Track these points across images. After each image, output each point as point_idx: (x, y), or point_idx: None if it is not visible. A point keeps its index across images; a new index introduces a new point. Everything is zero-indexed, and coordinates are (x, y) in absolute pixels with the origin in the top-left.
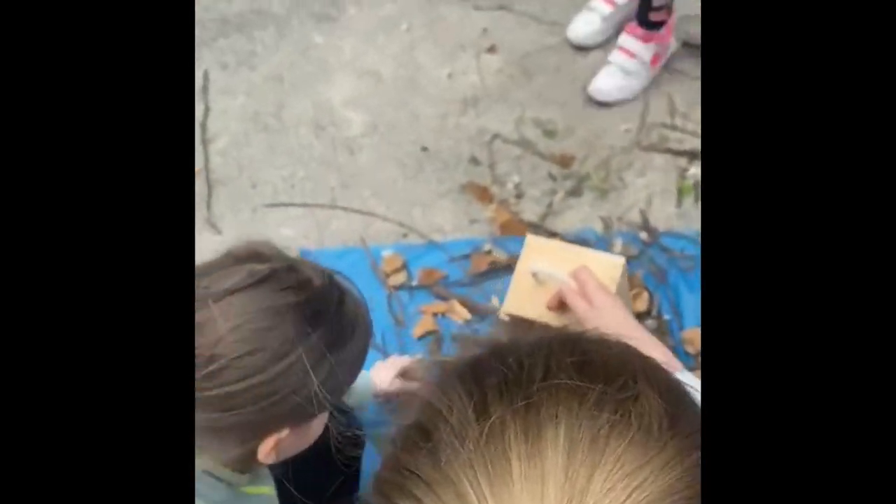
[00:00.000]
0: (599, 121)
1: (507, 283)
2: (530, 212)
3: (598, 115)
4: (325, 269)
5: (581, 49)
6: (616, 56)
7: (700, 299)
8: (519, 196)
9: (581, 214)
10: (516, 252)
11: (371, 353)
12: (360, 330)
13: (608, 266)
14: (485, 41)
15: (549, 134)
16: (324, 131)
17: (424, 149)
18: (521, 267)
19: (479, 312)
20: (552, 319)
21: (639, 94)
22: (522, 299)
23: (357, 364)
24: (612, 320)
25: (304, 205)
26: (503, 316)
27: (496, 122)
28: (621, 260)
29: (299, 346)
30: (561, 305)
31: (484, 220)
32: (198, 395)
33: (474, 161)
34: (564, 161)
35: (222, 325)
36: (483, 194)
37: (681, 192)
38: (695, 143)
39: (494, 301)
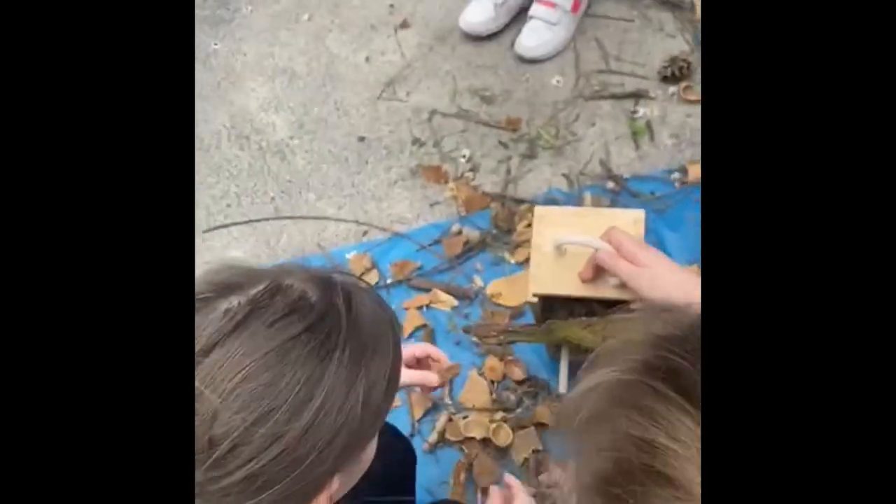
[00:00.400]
0: (535, 78)
1: (486, 260)
2: (490, 183)
3: (533, 72)
4: (317, 272)
5: (476, 39)
6: (536, 9)
7: (682, 236)
8: (474, 169)
9: (543, 175)
10: (487, 228)
11: None
12: (383, 330)
13: (629, 222)
14: (395, 17)
15: (488, 100)
16: (247, 141)
17: (361, 139)
18: (537, 241)
19: (465, 296)
20: (589, 291)
21: (566, 44)
22: (547, 276)
23: (396, 368)
24: (665, 276)
25: (247, 222)
26: (531, 298)
27: (430, 98)
28: (641, 213)
29: (321, 383)
30: (597, 273)
31: (445, 201)
32: (211, 487)
33: (418, 142)
34: (511, 125)
35: (212, 398)
36: (437, 174)
37: (635, 135)
38: (636, 84)
39: (477, 281)
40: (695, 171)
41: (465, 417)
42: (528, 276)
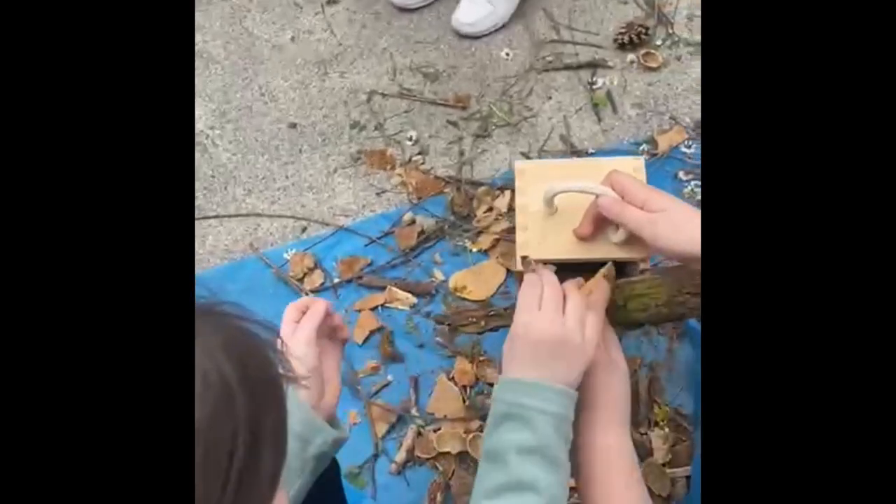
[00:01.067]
0: (482, 52)
1: (446, 251)
2: (442, 166)
3: (479, 46)
4: None
5: (413, 12)
6: None
7: None
8: (423, 152)
9: (501, 155)
10: (443, 215)
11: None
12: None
13: (628, 170)
14: None
15: (432, 77)
16: None
17: (293, 125)
18: (522, 201)
19: (425, 292)
20: (588, 252)
21: (508, 17)
22: (538, 240)
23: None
24: (685, 222)
25: None
26: (536, 265)
27: (368, 78)
28: (640, 160)
29: None
30: (597, 226)
31: (393, 189)
32: None
33: (357, 126)
34: (460, 103)
35: None
36: (382, 159)
37: (596, 106)
38: (591, 53)
39: (437, 275)
40: (664, 142)
41: (436, 430)
42: (494, 265)
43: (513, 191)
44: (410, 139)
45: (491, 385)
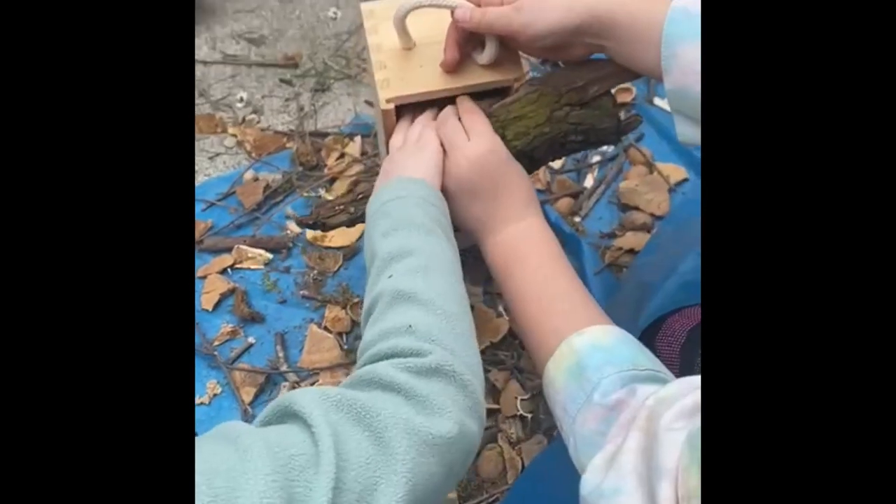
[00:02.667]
0: (308, 14)
1: (299, 205)
2: (281, 123)
3: (304, 8)
4: None
5: None
6: None
7: None
8: (257, 112)
9: (345, 105)
10: (289, 169)
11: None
12: None
13: None
14: None
15: (257, 42)
16: None
17: None
18: (375, 41)
19: (281, 247)
20: (456, 82)
21: None
22: (398, 77)
23: None
24: None
25: None
26: (385, 106)
27: None
28: None
29: None
30: (462, 50)
31: (229, 151)
32: None
33: None
34: (291, 60)
35: None
36: (210, 123)
37: None
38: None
39: (292, 226)
40: None
41: (313, 383)
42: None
43: (364, 136)
44: (241, 100)
45: None
